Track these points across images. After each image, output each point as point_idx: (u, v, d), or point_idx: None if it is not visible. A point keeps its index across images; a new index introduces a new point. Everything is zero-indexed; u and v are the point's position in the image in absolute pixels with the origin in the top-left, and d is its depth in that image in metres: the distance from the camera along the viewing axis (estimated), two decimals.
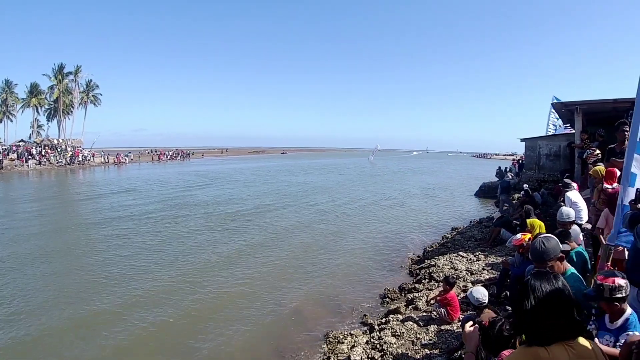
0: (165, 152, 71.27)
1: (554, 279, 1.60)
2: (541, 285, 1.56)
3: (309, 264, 10.22)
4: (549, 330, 1.51)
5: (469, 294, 4.59)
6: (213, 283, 8.73)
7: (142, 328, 6.61)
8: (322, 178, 36.91)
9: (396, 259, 10.78)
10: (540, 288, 1.55)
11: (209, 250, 11.30)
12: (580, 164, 11.84)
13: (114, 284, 8.54)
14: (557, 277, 1.62)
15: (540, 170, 19.67)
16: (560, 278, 1.62)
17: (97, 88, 57.19)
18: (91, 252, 10.94)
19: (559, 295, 1.55)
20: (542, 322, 1.51)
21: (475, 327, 2.37)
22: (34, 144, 49.00)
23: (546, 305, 1.52)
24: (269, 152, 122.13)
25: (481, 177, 31.67)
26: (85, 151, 53.26)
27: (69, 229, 14.07)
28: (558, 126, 24.09)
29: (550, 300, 1.53)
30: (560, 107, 14.68)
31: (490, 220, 14.12)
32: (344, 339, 6.00)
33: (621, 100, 10.87)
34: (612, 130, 11.13)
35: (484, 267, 8.30)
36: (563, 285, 1.58)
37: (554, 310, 1.52)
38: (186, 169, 46.63)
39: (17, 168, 41.17)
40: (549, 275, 1.62)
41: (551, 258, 2.92)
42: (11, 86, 51.11)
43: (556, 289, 1.56)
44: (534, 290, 1.56)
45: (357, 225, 15.27)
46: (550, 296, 1.54)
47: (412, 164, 69.58)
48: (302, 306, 7.62)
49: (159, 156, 66.92)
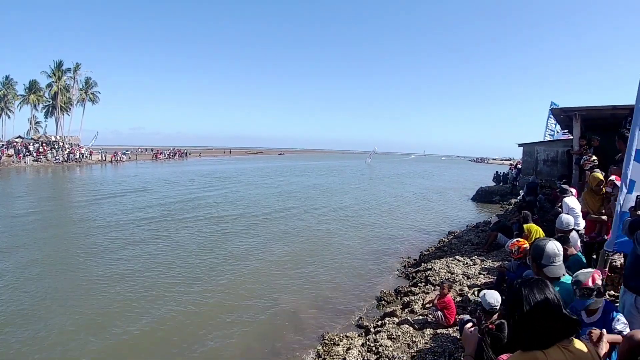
0: (163, 151, 71.07)
1: (543, 285, 1.65)
2: (532, 292, 1.61)
3: (305, 266, 10.19)
4: (545, 334, 1.54)
5: (481, 296, 4.55)
6: (209, 284, 8.68)
7: (135, 329, 6.56)
8: (320, 180, 36.91)
9: (392, 262, 10.76)
10: (532, 295, 1.60)
11: (206, 252, 11.26)
12: (578, 170, 11.87)
13: (108, 284, 8.51)
14: (545, 282, 1.68)
15: (538, 175, 19.72)
16: (548, 284, 1.67)
17: (95, 86, 57.12)
18: (95, 251, 10.90)
19: (549, 301, 1.59)
20: (537, 326, 1.55)
21: (475, 328, 2.36)
22: (31, 141, 48.79)
23: (538, 311, 1.56)
24: (266, 153, 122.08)
25: (478, 182, 31.72)
26: (83, 149, 53.09)
27: (70, 229, 14.00)
28: (556, 132, 24.17)
29: (542, 307, 1.57)
30: (558, 113, 14.71)
31: (487, 224, 14.14)
32: (339, 341, 5.98)
33: (620, 107, 10.90)
34: (609, 137, 11.20)
35: (480, 271, 8.29)
36: (552, 291, 1.63)
37: (546, 315, 1.56)
38: (186, 168, 46.49)
39: (14, 164, 40.99)
40: (538, 282, 1.67)
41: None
42: (11, 82, 51.00)
43: (545, 296, 1.60)
44: (525, 297, 1.60)
45: (353, 228, 15.25)
46: (541, 303, 1.58)
47: (409, 168, 69.63)
48: (298, 308, 7.59)
49: (156, 155, 66.69)
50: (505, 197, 22.43)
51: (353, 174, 46.20)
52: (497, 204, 21.82)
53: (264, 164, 60.63)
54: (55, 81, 51.28)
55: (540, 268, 2.91)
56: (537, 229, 7.15)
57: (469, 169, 74.31)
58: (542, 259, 2.90)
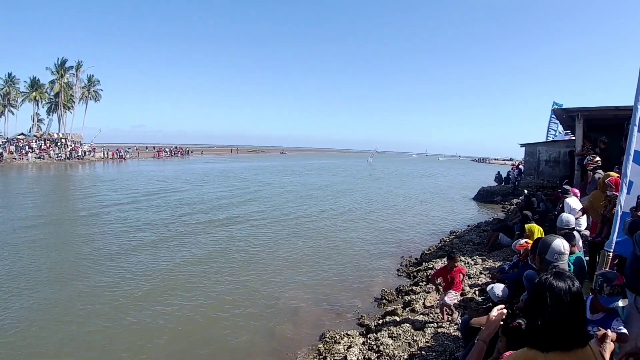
0: (164, 149, 71.14)
1: (570, 279, 1.56)
2: (560, 285, 1.52)
3: (306, 264, 10.23)
4: (556, 336, 1.47)
5: (489, 289, 4.60)
6: (209, 283, 8.73)
7: (135, 328, 6.60)
8: (323, 179, 37.04)
9: (393, 261, 10.79)
10: (561, 287, 1.52)
11: (207, 250, 11.35)
12: (580, 170, 11.87)
13: (111, 280, 8.57)
14: (572, 277, 1.59)
15: (540, 176, 19.71)
16: (575, 279, 1.58)
17: (98, 84, 57.30)
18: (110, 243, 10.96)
19: (578, 296, 1.52)
20: (556, 325, 1.48)
21: (501, 314, 2.06)
22: (34, 138, 48.96)
23: (565, 306, 1.49)
24: (268, 152, 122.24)
25: (480, 182, 31.69)
26: (85, 146, 53.23)
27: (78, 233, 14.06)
28: (558, 132, 24.14)
29: (570, 301, 1.50)
30: (561, 113, 14.71)
31: (489, 224, 14.15)
32: (340, 339, 6.01)
33: (623, 107, 10.89)
34: (612, 138, 11.20)
35: (482, 271, 8.32)
36: (579, 287, 1.55)
37: (571, 311, 1.49)
38: (190, 166, 46.59)
39: (16, 161, 41.14)
40: (564, 275, 1.58)
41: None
42: (14, 80, 51.15)
43: (576, 289, 1.52)
44: (553, 290, 1.51)
45: (354, 227, 15.28)
46: (570, 296, 1.50)
47: (411, 167, 69.57)
48: (299, 306, 7.63)
49: (157, 153, 66.83)
50: (506, 198, 22.42)
51: (355, 174, 46.20)
52: (498, 204, 21.81)
53: (268, 163, 60.64)
54: (58, 79, 51.40)
55: (544, 264, 2.92)
56: (539, 229, 7.16)
57: (471, 168, 74.23)
58: (547, 254, 2.92)
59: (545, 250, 2.96)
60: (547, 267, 2.87)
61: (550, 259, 2.92)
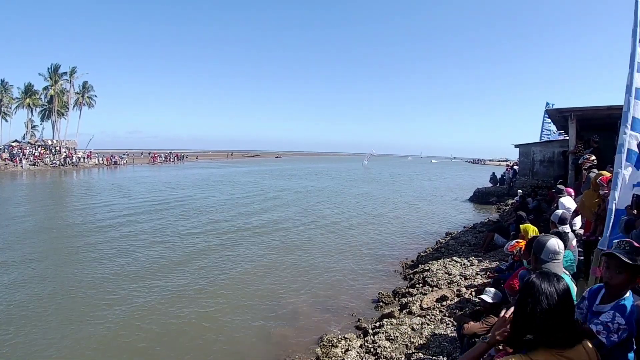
0: (159, 155, 70.87)
1: (557, 279, 1.56)
2: (548, 287, 1.52)
3: (302, 268, 10.19)
4: (544, 337, 1.47)
5: (485, 292, 4.55)
6: (206, 286, 8.68)
7: (132, 330, 6.54)
8: (318, 183, 37.05)
9: (390, 264, 10.76)
10: (548, 289, 1.51)
11: (206, 255, 11.27)
12: (574, 170, 11.92)
13: (111, 282, 8.49)
14: (559, 277, 1.59)
15: (534, 176, 19.82)
16: (562, 279, 1.58)
17: (92, 90, 57.15)
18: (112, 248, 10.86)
19: (564, 296, 1.51)
20: (547, 325, 1.47)
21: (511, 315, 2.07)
22: (28, 145, 48.67)
23: (552, 306, 1.48)
24: (263, 156, 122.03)
25: (475, 183, 31.80)
26: (80, 152, 52.97)
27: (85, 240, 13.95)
28: (552, 132, 24.29)
29: (558, 302, 1.49)
30: (554, 114, 14.78)
31: (484, 225, 14.19)
32: (338, 342, 5.97)
33: (615, 107, 10.94)
34: (605, 137, 11.28)
35: (478, 272, 8.31)
36: (565, 286, 1.54)
37: (559, 312, 1.48)
38: (188, 171, 46.41)
39: (10, 168, 40.82)
40: (550, 276, 1.58)
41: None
42: (7, 86, 50.89)
43: (562, 290, 1.52)
44: (541, 291, 1.51)
45: (350, 230, 15.27)
46: (558, 297, 1.50)
47: (406, 170, 69.72)
48: (296, 310, 7.59)
49: (153, 158, 66.56)
50: (502, 198, 22.52)
51: (350, 177, 46.24)
52: (493, 205, 21.89)
53: (264, 167, 60.16)
54: (51, 85, 51.17)
55: (539, 263, 2.91)
56: (534, 229, 7.16)
57: (466, 170, 74.47)
58: (542, 254, 2.91)
59: (540, 249, 2.95)
60: (542, 266, 2.87)
61: (545, 259, 2.91)
